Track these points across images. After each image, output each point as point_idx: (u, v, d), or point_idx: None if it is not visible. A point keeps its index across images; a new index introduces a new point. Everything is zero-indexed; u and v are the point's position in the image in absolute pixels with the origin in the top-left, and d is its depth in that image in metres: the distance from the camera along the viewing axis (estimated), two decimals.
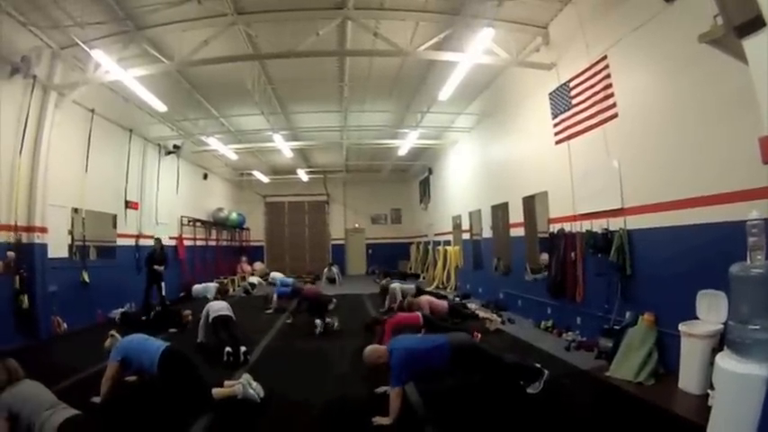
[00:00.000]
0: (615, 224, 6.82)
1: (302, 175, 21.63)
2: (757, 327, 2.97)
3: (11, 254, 6.82)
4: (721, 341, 4.56)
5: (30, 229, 8.20)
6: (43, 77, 8.28)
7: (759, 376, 2.81)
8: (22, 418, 3.52)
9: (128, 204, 12.09)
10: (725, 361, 3.11)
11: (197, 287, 11.18)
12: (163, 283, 10.45)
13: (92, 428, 3.62)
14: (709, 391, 4.21)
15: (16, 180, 7.93)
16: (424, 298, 9.40)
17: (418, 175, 22.70)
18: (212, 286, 11.48)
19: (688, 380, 5.00)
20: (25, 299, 7.72)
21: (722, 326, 4.63)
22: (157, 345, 5.30)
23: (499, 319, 9.61)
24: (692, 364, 4.93)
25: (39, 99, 8.30)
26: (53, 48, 8.34)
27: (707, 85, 5.07)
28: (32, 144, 8.24)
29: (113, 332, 5.65)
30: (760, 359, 2.88)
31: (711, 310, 4.89)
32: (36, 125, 8.28)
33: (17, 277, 7.72)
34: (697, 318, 5.09)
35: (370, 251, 25.42)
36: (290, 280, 14.03)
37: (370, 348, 5.12)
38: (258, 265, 21.99)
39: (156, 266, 10.48)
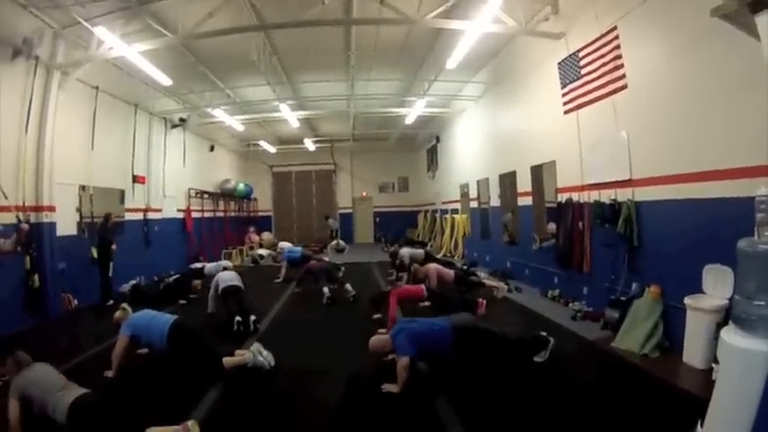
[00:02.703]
0: (623, 195, 6.78)
1: (309, 144, 21.61)
2: (762, 303, 2.97)
3: (25, 226, 6.78)
4: (726, 316, 4.59)
5: (38, 208, 8.22)
6: (46, 58, 8.20)
7: (763, 352, 2.83)
8: (35, 401, 3.65)
9: (135, 179, 12.14)
10: (729, 335, 3.12)
11: (209, 266, 11.19)
12: (112, 264, 9.53)
13: (102, 405, 3.71)
14: (713, 365, 4.25)
15: (23, 161, 7.92)
16: (432, 266, 9.47)
17: (425, 144, 22.55)
18: (225, 265, 11.51)
19: (692, 354, 5.05)
20: (36, 278, 7.76)
21: (728, 301, 4.66)
22: (165, 319, 5.42)
23: (506, 287, 9.69)
24: (697, 338, 4.97)
25: (42, 79, 8.24)
26: (55, 28, 8.21)
27: (719, 59, 4.95)
28: (37, 124, 8.21)
29: (124, 305, 5.77)
30: (765, 335, 2.90)
31: (717, 284, 4.89)
32: (40, 105, 8.23)
33: (27, 258, 7.75)
34: (703, 292, 5.10)
35: (377, 219, 25.52)
36: (298, 248, 14.11)
37: (374, 339, 5.24)
38: (266, 235, 22.10)
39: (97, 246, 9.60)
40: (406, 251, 12.09)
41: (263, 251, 17.81)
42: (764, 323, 2.93)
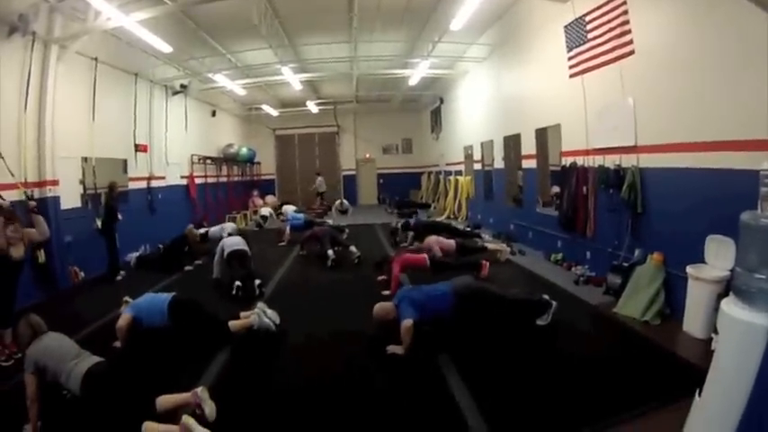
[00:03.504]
0: (628, 161, 6.76)
1: (312, 106, 21.37)
2: (763, 276, 2.99)
3: (32, 203, 6.76)
4: (727, 287, 4.63)
5: (41, 184, 8.19)
6: (43, 33, 8.02)
7: (762, 325, 2.86)
8: (48, 370, 3.66)
9: (137, 148, 12.05)
10: (730, 307, 3.14)
11: (213, 229, 11.28)
12: (117, 235, 9.15)
13: (116, 373, 3.77)
14: (712, 335, 4.32)
15: (24, 137, 7.82)
16: (432, 238, 9.49)
17: (429, 105, 22.26)
18: (228, 226, 11.60)
19: (693, 323, 5.13)
20: (42, 253, 7.72)
21: (729, 272, 4.70)
22: (163, 298, 5.49)
23: (509, 250, 9.77)
24: (698, 307, 5.04)
25: (40, 54, 8.08)
26: (51, 2, 7.99)
27: (730, 29, 4.84)
28: (37, 99, 8.10)
29: (127, 298, 5.80)
30: (764, 308, 2.93)
31: (719, 255, 4.93)
32: (39, 80, 8.11)
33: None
34: (704, 262, 5.15)
35: (381, 181, 25.50)
36: (301, 215, 14.23)
37: (378, 306, 5.33)
38: (270, 199, 22.14)
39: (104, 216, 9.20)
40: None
41: (266, 210, 17.88)
42: (765, 296, 2.95)
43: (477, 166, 15.13)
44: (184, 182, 15.42)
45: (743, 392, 2.81)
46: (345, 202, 20.39)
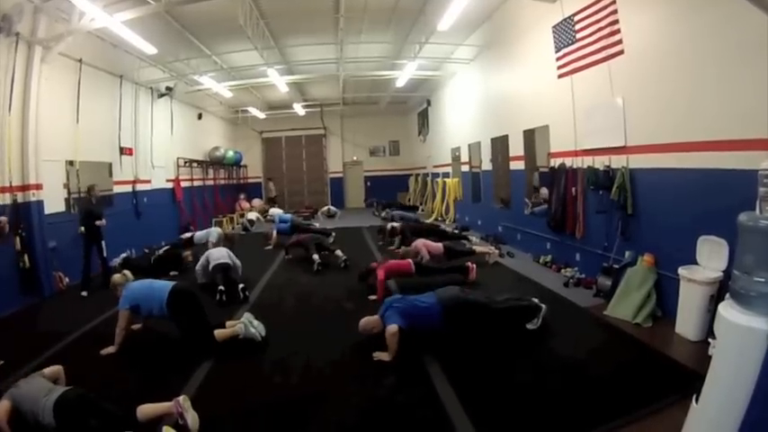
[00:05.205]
0: (618, 162, 6.74)
1: (299, 109, 21.23)
2: (762, 279, 2.95)
3: (3, 218, 6.65)
4: (720, 289, 4.63)
5: (25, 187, 8.02)
6: (27, 33, 7.87)
7: (762, 330, 2.82)
8: (27, 415, 3.59)
9: (122, 151, 11.88)
10: (728, 311, 3.09)
11: (198, 234, 11.16)
12: (103, 242, 8.79)
13: (83, 400, 3.64)
14: (710, 340, 4.28)
15: (7, 140, 7.66)
16: (420, 241, 9.41)
17: (417, 107, 22.28)
18: (215, 231, 11.47)
19: (685, 325, 5.10)
20: (26, 258, 7.62)
21: (722, 273, 4.70)
22: (164, 285, 5.41)
23: (497, 252, 9.73)
24: (690, 309, 5.01)
25: (24, 55, 7.93)
26: (35, 2, 7.85)
27: (723, 27, 4.81)
28: (21, 101, 7.93)
29: (126, 271, 5.73)
30: (764, 312, 2.89)
31: (712, 256, 4.92)
32: (23, 82, 7.94)
33: (17, 238, 7.62)
34: (696, 263, 5.13)
35: (368, 184, 25.39)
36: (288, 216, 14.16)
37: (364, 321, 5.25)
38: (257, 202, 22.01)
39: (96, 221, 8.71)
40: (397, 213, 12.08)
41: (252, 215, 17.78)
42: (764, 300, 2.90)
43: (465, 168, 15.12)
44: (170, 185, 15.22)
45: (742, 398, 2.77)
46: (333, 208, 20.32)
